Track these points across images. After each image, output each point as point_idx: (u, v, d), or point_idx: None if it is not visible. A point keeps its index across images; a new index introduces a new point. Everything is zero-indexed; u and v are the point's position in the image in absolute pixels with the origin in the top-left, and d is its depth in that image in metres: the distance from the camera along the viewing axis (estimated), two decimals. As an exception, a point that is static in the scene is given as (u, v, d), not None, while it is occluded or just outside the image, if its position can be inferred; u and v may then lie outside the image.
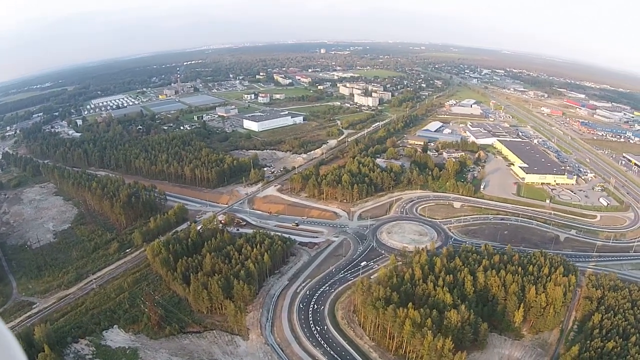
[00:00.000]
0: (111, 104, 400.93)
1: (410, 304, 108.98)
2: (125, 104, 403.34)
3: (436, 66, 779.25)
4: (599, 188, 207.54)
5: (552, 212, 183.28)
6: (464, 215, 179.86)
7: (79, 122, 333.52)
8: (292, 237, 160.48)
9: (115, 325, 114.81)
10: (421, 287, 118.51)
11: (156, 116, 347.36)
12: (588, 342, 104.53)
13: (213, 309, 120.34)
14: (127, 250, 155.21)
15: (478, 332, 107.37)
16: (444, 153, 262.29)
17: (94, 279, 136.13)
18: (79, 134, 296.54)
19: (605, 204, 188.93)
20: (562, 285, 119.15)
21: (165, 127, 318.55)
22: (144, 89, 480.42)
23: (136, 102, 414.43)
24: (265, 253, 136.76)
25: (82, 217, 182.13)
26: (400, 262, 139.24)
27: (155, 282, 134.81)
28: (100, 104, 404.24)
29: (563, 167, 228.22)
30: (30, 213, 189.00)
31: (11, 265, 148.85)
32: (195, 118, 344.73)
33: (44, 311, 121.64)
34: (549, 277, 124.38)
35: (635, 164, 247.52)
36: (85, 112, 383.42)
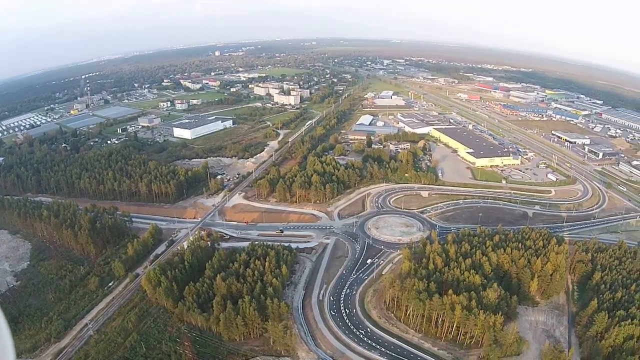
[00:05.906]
0: (23, 124, 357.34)
1: (450, 290, 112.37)
2: (38, 123, 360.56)
3: (336, 60, 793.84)
4: (543, 165, 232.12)
5: (511, 191, 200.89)
6: (438, 203, 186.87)
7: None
8: (286, 244, 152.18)
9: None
10: (448, 273, 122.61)
11: (77, 132, 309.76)
12: (601, 295, 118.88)
13: (247, 334, 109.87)
14: (110, 284, 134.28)
15: (509, 305, 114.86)
16: (390, 145, 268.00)
17: (88, 323, 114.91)
18: (1, 158, 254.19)
19: (554, 179, 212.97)
20: (562, 253, 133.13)
21: (92, 143, 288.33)
22: (52, 106, 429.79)
23: (49, 120, 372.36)
24: (283, 265, 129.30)
25: (40, 251, 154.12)
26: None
27: (163, 316, 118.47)
28: (12, 125, 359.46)
29: (505, 149, 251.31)
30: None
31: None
32: (120, 130, 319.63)
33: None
34: (546, 249, 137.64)
35: (566, 140, 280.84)
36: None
